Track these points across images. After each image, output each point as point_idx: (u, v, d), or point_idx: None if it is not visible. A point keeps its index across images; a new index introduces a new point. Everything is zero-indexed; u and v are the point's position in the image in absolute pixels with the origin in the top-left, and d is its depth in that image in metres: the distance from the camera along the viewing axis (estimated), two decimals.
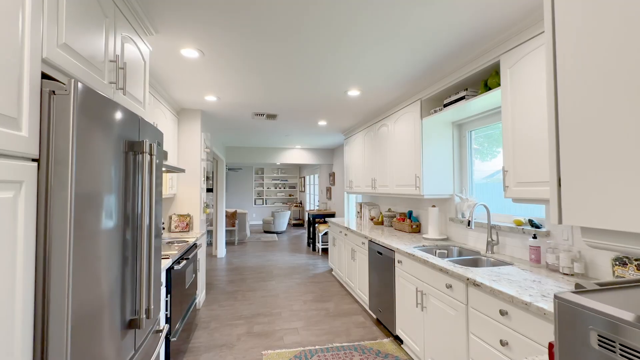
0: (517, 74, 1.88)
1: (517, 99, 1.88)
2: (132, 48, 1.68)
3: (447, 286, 2.01)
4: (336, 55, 2.32)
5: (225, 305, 3.79)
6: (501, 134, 2.55)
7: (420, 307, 2.36)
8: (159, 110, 3.05)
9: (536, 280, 1.73)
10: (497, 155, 2.81)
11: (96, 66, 1.26)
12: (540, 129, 1.72)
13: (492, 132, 2.84)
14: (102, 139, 1.12)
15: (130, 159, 1.36)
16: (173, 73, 2.66)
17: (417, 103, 3.05)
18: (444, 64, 2.47)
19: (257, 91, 3.19)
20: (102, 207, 1.12)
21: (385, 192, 3.79)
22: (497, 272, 1.91)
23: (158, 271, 1.81)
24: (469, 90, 2.42)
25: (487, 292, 1.69)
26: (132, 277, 1.40)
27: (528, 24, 1.79)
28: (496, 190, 2.69)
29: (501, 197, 2.65)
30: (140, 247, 1.39)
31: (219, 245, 6.46)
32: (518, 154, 1.88)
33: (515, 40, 1.89)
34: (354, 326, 3.23)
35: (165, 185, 3.30)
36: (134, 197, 1.40)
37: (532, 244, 2.06)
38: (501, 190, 2.64)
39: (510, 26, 1.89)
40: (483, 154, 2.92)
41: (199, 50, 2.23)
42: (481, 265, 2.42)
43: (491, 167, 2.85)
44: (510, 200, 2.55)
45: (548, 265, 1.95)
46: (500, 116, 2.52)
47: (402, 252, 2.61)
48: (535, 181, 1.76)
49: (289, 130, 5.43)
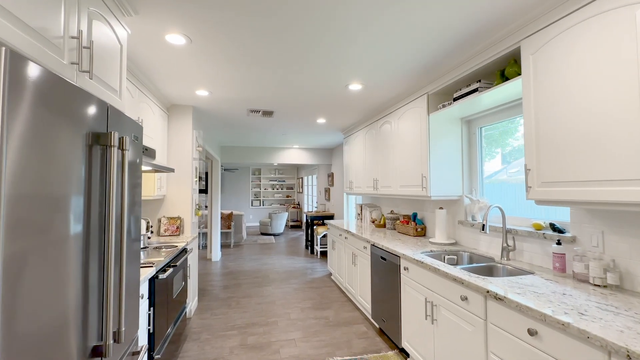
0: (541, 61, 1.68)
1: (542, 89, 1.67)
2: (105, 29, 1.46)
3: (462, 298, 1.80)
4: (339, 43, 2.11)
5: (219, 314, 3.56)
6: (516, 129, 2.36)
7: (430, 319, 2.15)
8: (145, 105, 2.83)
9: (566, 294, 1.52)
10: (496, 156, 2.65)
11: (50, 40, 1.04)
12: (575, 122, 1.51)
13: (491, 132, 2.67)
14: (55, 128, 0.90)
15: (96, 153, 1.14)
16: (158, 63, 2.44)
17: (424, 98, 2.85)
18: (455, 53, 2.27)
19: (252, 85, 2.97)
20: (55, 209, 0.90)
21: (388, 193, 3.58)
22: (518, 282, 1.70)
23: (135, 282, 1.58)
24: (483, 82, 2.21)
25: (512, 307, 1.48)
26: (99, 295, 1.18)
27: (555, 3, 1.58)
28: (507, 191, 2.48)
29: (512, 198, 2.45)
30: (107, 257, 1.17)
31: (213, 248, 6.23)
32: (543, 151, 1.67)
33: (539, 23, 1.68)
34: (355, 337, 3.01)
35: (154, 185, 3.08)
36: (101, 197, 1.19)
37: (555, 250, 1.86)
38: (513, 191, 2.44)
39: (533, 7, 1.68)
40: (482, 155, 2.75)
41: (186, 36, 2.01)
42: (497, 274, 2.21)
43: (491, 167, 2.69)
44: (522, 201, 2.35)
45: (575, 275, 1.75)
46: (516, 110, 2.32)
47: (409, 258, 2.40)
48: (565, 181, 1.55)
49: (286, 129, 5.21)
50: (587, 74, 1.44)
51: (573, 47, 1.50)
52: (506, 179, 2.54)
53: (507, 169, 2.52)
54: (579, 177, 1.48)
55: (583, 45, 1.46)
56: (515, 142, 2.46)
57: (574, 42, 1.50)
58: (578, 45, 1.48)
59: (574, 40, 1.50)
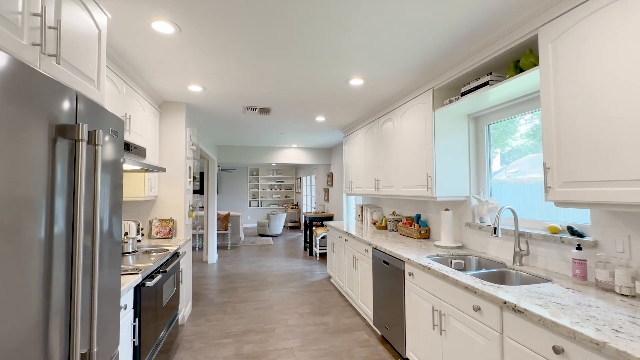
0: (563, 49, 1.53)
1: (564, 80, 1.52)
2: (80, 11, 1.31)
3: (475, 308, 1.65)
4: (339, 33, 1.95)
5: (213, 320, 3.40)
6: (515, 129, 2.21)
7: (437, 329, 2.00)
8: (135, 100, 2.67)
9: (592, 305, 1.37)
10: (495, 156, 2.55)
11: (3, 15, 0.89)
12: (606, 114, 1.34)
13: (491, 132, 2.55)
14: (9, 117, 0.75)
15: (62, 148, 0.99)
16: (146, 55, 2.28)
17: (429, 93, 2.70)
18: (464, 44, 2.12)
19: (248, 80, 2.82)
20: (8, 212, 0.75)
21: (391, 194, 3.43)
22: (537, 291, 1.56)
23: (115, 292, 1.43)
24: (494, 75, 2.07)
25: (533, 321, 1.33)
26: (67, 310, 1.03)
27: None
28: (516, 192, 2.34)
29: (522, 199, 2.30)
30: (74, 266, 1.02)
31: (210, 250, 6.06)
32: (564, 147, 1.52)
33: (561, 7, 1.54)
34: (356, 345, 2.86)
35: (144, 186, 2.92)
36: (70, 198, 1.03)
37: (575, 256, 1.71)
38: (523, 191, 2.29)
39: None
40: (490, 153, 2.62)
41: (174, 24, 1.85)
42: (510, 281, 2.06)
43: (491, 167, 2.58)
44: (530, 203, 2.20)
45: (598, 283, 1.60)
46: (527, 105, 2.17)
47: (414, 263, 2.25)
48: (592, 180, 1.40)
49: (284, 128, 5.05)
50: (621, 60, 1.29)
51: (602, 31, 1.35)
52: (505, 179, 2.46)
53: (507, 170, 2.47)
54: (610, 175, 1.32)
55: (614, 28, 1.31)
56: (514, 142, 2.41)
57: (602, 27, 1.35)
58: (607, 30, 1.33)
59: (603, 24, 1.35)
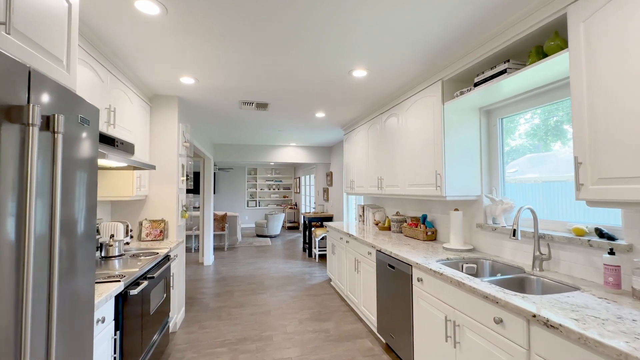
0: (597, 29, 1.35)
1: (599, 64, 1.35)
2: None
3: (497, 321, 1.47)
4: (345, 17, 1.77)
5: (207, 327, 3.21)
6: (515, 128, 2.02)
7: (451, 341, 1.82)
8: (121, 92, 2.48)
9: (636, 320, 1.20)
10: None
11: None
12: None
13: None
14: None
15: (10, 134, 0.80)
16: (130, 39, 2.09)
17: (438, 85, 2.52)
18: (478, 30, 1.94)
19: (244, 71, 2.63)
20: None
21: (395, 193, 3.25)
22: (567, 302, 1.38)
23: (87, 304, 1.24)
24: (512, 62, 1.89)
25: (570, 339, 1.15)
26: (17, 327, 0.84)
27: None
28: (531, 190, 2.16)
29: (538, 198, 2.13)
30: (24, 276, 0.83)
31: (206, 251, 5.87)
32: (600, 139, 1.35)
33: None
34: (360, 354, 2.67)
35: (132, 185, 2.73)
36: (22, 195, 0.85)
37: (608, 262, 1.53)
38: (537, 190, 2.11)
39: None
40: (503, 149, 2.45)
41: (159, 2, 1.67)
42: (530, 288, 1.88)
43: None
44: (541, 202, 2.03)
45: (635, 292, 1.42)
46: (547, 96, 1.99)
47: (424, 268, 2.07)
48: (634, 176, 1.22)
49: (282, 124, 4.87)
50: None
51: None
52: (521, 179, 2.29)
53: (506, 169, 2.41)
54: None
55: None
56: (513, 142, 2.33)
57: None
58: None
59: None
